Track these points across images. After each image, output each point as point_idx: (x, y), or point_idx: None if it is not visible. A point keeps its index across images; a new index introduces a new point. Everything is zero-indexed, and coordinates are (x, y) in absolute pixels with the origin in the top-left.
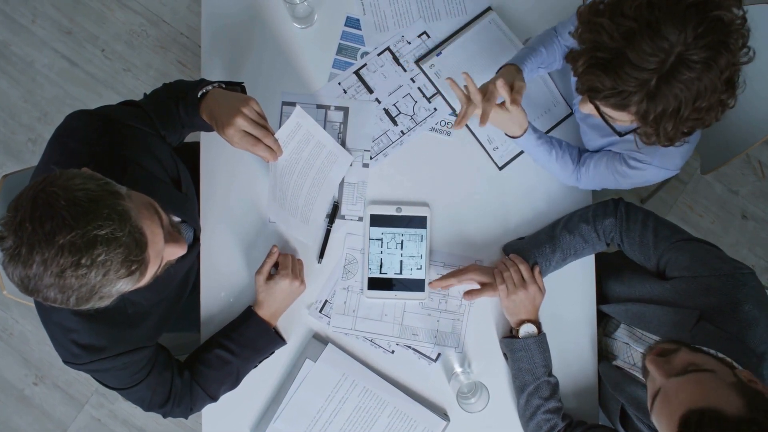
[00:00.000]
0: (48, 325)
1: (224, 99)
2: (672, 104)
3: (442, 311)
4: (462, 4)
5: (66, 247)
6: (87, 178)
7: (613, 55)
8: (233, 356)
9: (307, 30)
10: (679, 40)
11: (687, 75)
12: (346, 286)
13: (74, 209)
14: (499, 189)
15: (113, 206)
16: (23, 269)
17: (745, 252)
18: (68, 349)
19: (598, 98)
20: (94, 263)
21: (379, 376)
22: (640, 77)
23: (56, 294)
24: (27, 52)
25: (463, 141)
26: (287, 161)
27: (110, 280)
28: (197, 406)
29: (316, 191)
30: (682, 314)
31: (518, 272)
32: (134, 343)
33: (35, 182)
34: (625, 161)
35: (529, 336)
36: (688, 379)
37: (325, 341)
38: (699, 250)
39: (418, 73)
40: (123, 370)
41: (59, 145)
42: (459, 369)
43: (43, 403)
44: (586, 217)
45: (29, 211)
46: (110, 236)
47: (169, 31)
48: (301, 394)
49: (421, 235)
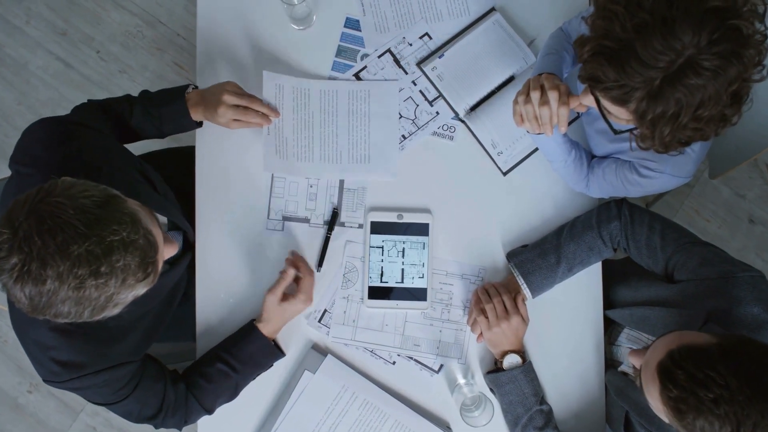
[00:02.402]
0: (25, 342)
1: (206, 91)
2: (672, 108)
3: (444, 321)
4: (465, 4)
5: (83, 257)
6: (84, 184)
7: (621, 46)
8: (233, 371)
9: (306, 31)
10: (692, 42)
11: (693, 80)
12: (346, 296)
13: (84, 217)
14: (504, 195)
15: (122, 209)
16: (34, 286)
17: (753, 257)
18: (47, 367)
19: (598, 89)
20: (113, 270)
21: (380, 388)
22: (645, 74)
23: (71, 307)
24: (21, 54)
25: (466, 145)
26: (294, 122)
27: (129, 285)
28: (192, 419)
29: (363, 128)
30: (689, 316)
31: (501, 303)
32: (116, 359)
33: (28, 195)
34: (636, 169)
35: (514, 367)
36: (660, 341)
37: (325, 352)
38: (708, 252)
39: (419, 75)
40: (105, 387)
41: (26, 156)
42: (462, 381)
43: (38, 411)
44: (589, 223)
45: (34, 226)
46: (126, 240)
47: (165, 32)
48: (299, 407)
49: (423, 242)
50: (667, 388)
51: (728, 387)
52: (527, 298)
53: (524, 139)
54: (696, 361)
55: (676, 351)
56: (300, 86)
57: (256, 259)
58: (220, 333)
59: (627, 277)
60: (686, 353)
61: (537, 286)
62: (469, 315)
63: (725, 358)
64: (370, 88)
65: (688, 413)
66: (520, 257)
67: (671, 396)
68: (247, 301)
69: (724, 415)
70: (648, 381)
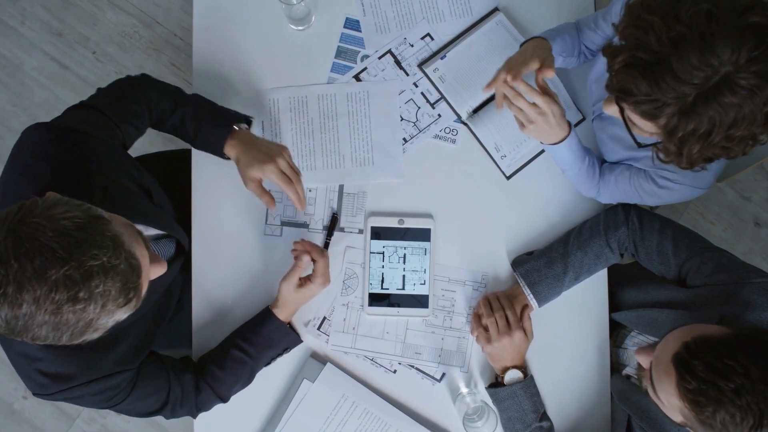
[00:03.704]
0: (11, 355)
1: (259, 140)
2: (704, 126)
3: (446, 329)
4: (467, 4)
5: (61, 282)
6: (67, 204)
7: (656, 59)
8: (248, 357)
9: (305, 32)
10: (730, 59)
11: (728, 99)
12: (346, 303)
13: (64, 240)
14: (507, 199)
15: (104, 232)
16: (10, 310)
17: (759, 260)
18: (34, 380)
19: (628, 102)
20: (92, 296)
21: (381, 397)
22: (678, 90)
23: (48, 332)
24: (15, 55)
25: (469, 149)
26: (293, 132)
27: (108, 311)
28: (206, 407)
29: (365, 130)
30: (699, 319)
31: (503, 317)
32: (107, 369)
33: (8, 213)
34: (653, 179)
35: (514, 382)
36: (671, 334)
37: (324, 360)
38: (723, 258)
39: (421, 77)
40: (97, 395)
41: (17, 163)
42: (465, 390)
43: (33, 417)
44: (597, 229)
45: (11, 247)
46: (107, 265)
47: (162, 32)
48: (298, 417)
49: (425, 248)
50: (685, 380)
51: (749, 376)
52: (534, 308)
53: (528, 142)
54: (714, 351)
55: (692, 342)
56: (297, 95)
57: (254, 266)
58: (217, 340)
59: (635, 279)
60: (703, 344)
61: (543, 297)
62: (471, 325)
63: (744, 347)
64: (369, 89)
65: (707, 406)
66: (526, 266)
67: (690, 388)
68: (245, 307)
69: (746, 406)
70: (661, 375)
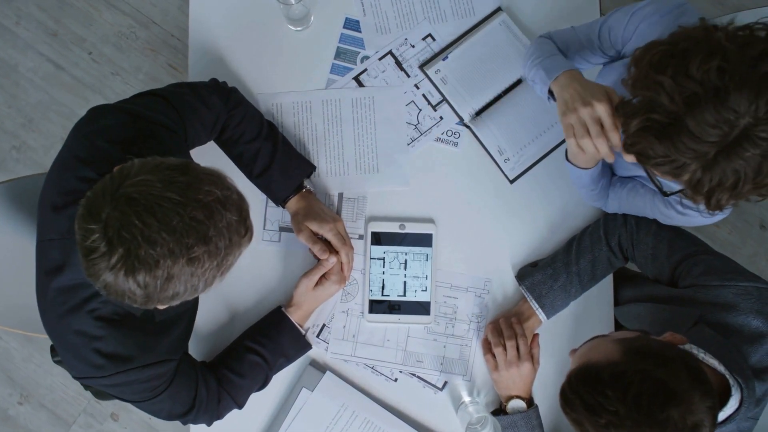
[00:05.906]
0: (65, 336)
1: (322, 205)
2: (730, 178)
3: (448, 336)
4: (470, 4)
5: (188, 225)
6: (155, 159)
7: (670, 120)
8: (265, 362)
9: (303, 32)
10: (748, 111)
11: (750, 152)
12: (346, 309)
13: (174, 186)
14: (511, 204)
15: (203, 170)
16: (148, 272)
17: (764, 263)
18: (89, 361)
19: (648, 164)
20: (219, 231)
21: (381, 406)
22: (697, 149)
23: (186, 283)
24: (10, 55)
25: (472, 152)
26: (297, 138)
27: (235, 244)
28: (223, 414)
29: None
30: (681, 314)
31: (514, 347)
32: (161, 355)
33: (103, 185)
34: (672, 205)
35: (516, 412)
36: (583, 346)
37: (323, 369)
38: (716, 261)
39: (422, 78)
40: (146, 383)
41: (87, 142)
42: (467, 399)
43: (29, 423)
44: (597, 235)
45: (128, 209)
46: (221, 198)
47: (159, 32)
48: (296, 427)
49: (426, 254)
50: (566, 411)
51: (617, 414)
52: (543, 321)
53: (532, 145)
54: (589, 387)
55: (574, 375)
56: (301, 100)
57: (252, 273)
58: (216, 346)
59: (634, 278)
60: (582, 378)
61: (552, 309)
62: (483, 349)
63: (615, 383)
64: (374, 94)
65: None
66: (531, 279)
67: (572, 417)
68: (243, 315)
69: None
70: None
